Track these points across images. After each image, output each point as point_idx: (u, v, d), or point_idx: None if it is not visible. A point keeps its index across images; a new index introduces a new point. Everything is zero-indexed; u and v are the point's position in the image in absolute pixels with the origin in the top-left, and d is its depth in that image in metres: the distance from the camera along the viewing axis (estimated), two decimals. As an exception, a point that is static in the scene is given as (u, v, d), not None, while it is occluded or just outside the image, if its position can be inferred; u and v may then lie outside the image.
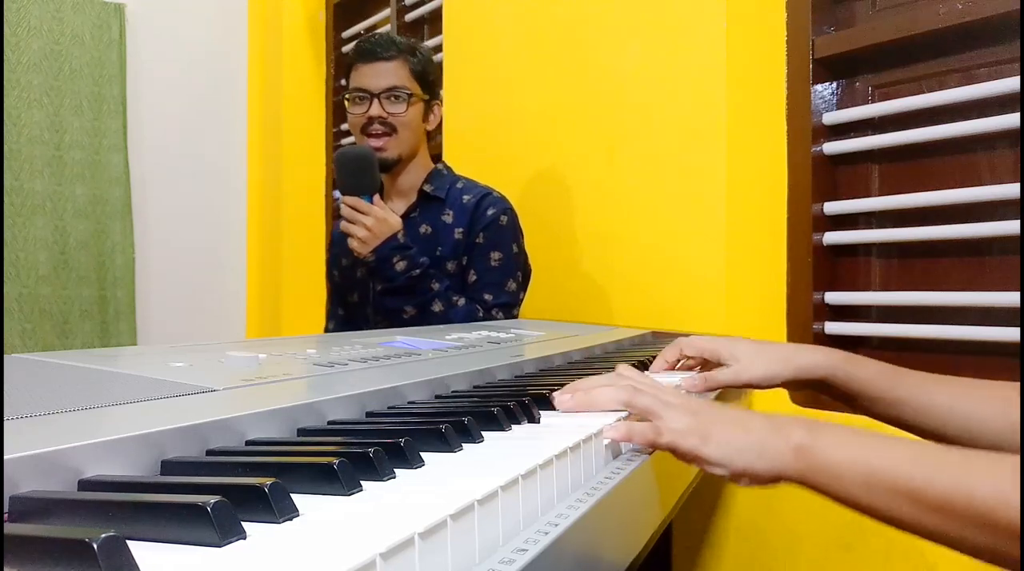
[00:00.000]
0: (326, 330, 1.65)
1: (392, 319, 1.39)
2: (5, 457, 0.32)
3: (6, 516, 0.31)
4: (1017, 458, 0.46)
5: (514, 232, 1.49)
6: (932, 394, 0.70)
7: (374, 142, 1.44)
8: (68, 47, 2.50)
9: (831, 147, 1.35)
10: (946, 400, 0.69)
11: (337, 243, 1.59)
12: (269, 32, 2.88)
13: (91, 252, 2.55)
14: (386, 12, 2.49)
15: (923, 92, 1.26)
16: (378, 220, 1.32)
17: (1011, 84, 1.12)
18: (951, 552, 0.48)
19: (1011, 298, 1.12)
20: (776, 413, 0.59)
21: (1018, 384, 0.67)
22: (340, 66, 2.75)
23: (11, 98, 2.38)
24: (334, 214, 2.75)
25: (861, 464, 0.50)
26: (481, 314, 1.40)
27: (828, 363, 0.75)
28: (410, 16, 2.36)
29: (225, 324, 2.92)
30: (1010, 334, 1.13)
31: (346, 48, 2.71)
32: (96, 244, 2.56)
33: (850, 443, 0.52)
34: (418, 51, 1.49)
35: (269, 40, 2.88)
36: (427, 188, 1.50)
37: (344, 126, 2.73)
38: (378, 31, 2.58)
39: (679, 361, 0.88)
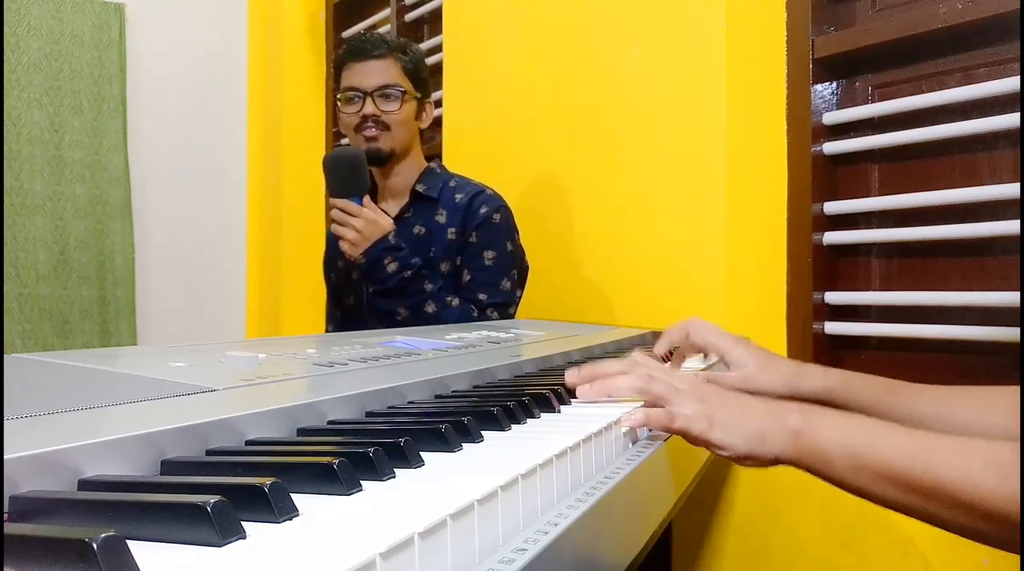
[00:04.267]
0: (326, 333, 1.64)
1: (386, 321, 1.37)
2: (5, 457, 0.32)
3: (6, 516, 0.31)
4: (981, 442, 0.49)
5: (508, 230, 1.47)
6: (923, 408, 0.74)
7: (368, 134, 1.43)
8: (68, 47, 2.50)
9: (831, 147, 1.35)
10: (933, 411, 0.73)
11: (332, 245, 1.58)
12: (269, 32, 2.88)
13: (91, 252, 2.55)
14: (386, 12, 2.49)
15: (923, 92, 1.26)
16: (368, 222, 1.31)
17: (1011, 84, 1.12)
18: (950, 552, 0.49)
19: (1011, 298, 1.12)
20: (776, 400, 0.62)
21: (1010, 387, 0.69)
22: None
23: (11, 98, 2.38)
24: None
25: (849, 449, 0.54)
26: (476, 314, 1.38)
27: (826, 386, 0.79)
28: (410, 16, 2.36)
29: (225, 324, 2.92)
30: (1010, 334, 1.13)
31: (346, 48, 2.71)
32: (96, 244, 2.56)
33: (841, 429, 0.56)
34: (409, 49, 1.47)
35: (269, 40, 2.88)
36: (419, 188, 1.48)
37: (344, 126, 2.73)
38: (376, 31, 2.59)
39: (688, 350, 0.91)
